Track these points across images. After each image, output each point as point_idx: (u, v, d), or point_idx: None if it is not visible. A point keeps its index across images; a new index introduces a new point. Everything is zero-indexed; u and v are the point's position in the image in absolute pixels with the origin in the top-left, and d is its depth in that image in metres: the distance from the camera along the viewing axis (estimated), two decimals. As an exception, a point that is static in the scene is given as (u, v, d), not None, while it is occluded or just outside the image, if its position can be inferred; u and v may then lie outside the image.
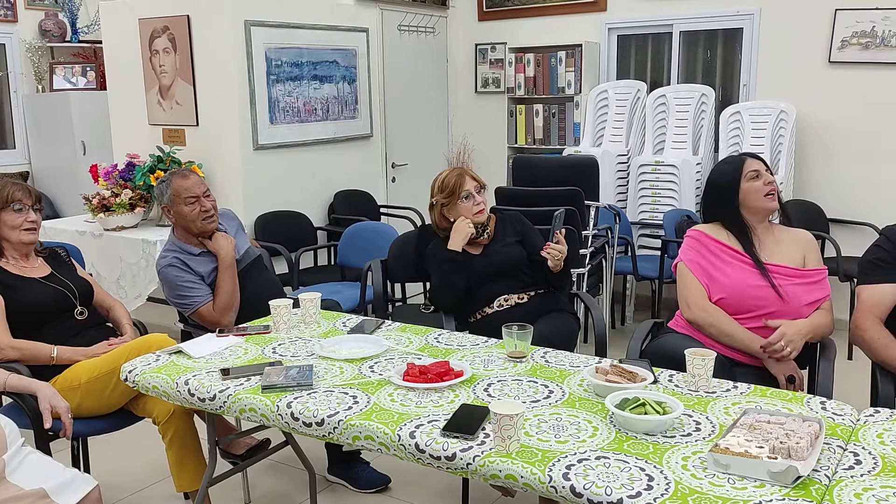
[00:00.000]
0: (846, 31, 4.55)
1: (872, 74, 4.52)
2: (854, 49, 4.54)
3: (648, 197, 4.82)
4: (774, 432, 1.68)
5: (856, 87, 4.58)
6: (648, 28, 5.26)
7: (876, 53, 4.48)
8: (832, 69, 4.64)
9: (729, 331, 2.45)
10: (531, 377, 2.13)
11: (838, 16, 4.56)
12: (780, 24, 4.76)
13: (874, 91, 4.53)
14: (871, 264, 2.43)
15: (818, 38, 4.65)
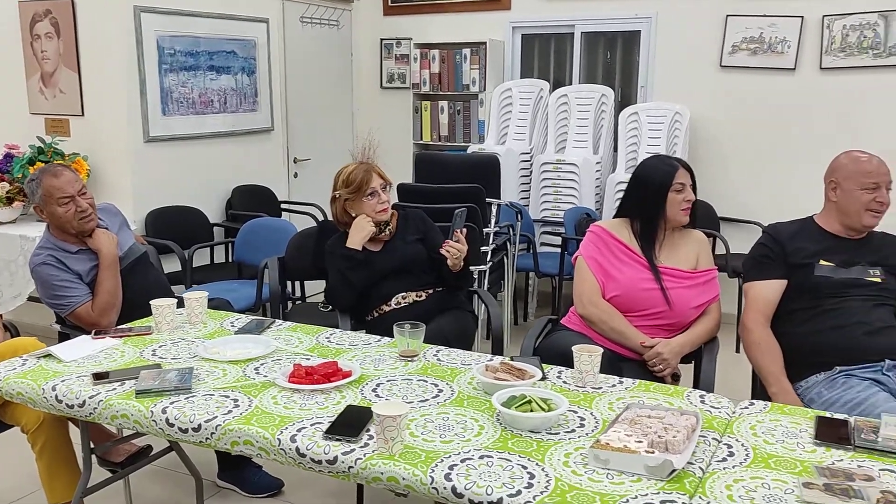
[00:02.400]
0: (736, 36, 4.73)
1: (760, 79, 4.73)
2: (743, 54, 4.73)
3: (550, 195, 4.88)
4: (654, 427, 1.71)
5: (745, 90, 4.77)
6: (551, 28, 5.34)
7: (764, 59, 4.69)
8: (723, 73, 4.82)
9: (619, 328, 2.50)
10: (422, 376, 2.10)
11: (729, 22, 4.74)
12: (676, 28, 4.91)
13: (762, 95, 4.73)
14: (756, 261, 2.52)
15: (710, 43, 4.82)
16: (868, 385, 2.25)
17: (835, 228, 2.46)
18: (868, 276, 2.40)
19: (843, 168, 2.42)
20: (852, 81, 4.51)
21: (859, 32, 4.43)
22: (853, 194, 2.39)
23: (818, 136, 4.59)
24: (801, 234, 2.49)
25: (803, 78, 4.62)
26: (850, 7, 4.43)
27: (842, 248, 2.44)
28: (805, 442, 1.74)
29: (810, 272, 2.41)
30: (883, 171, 2.39)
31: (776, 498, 1.49)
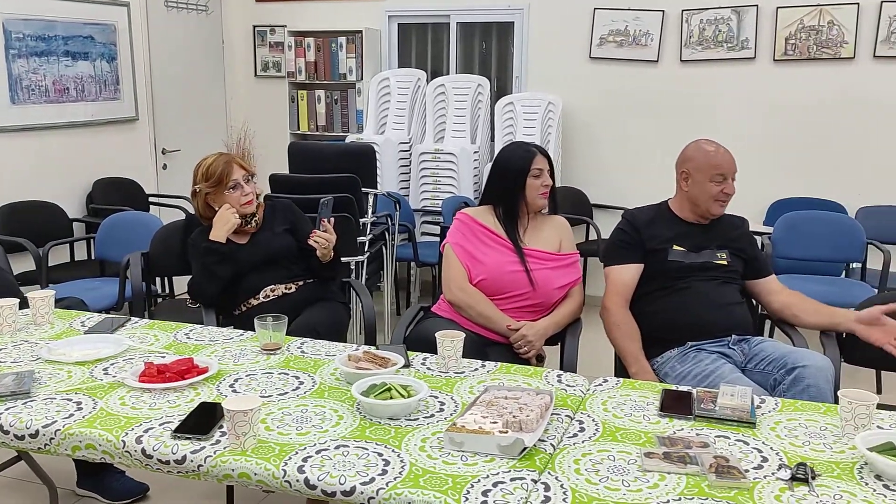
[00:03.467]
0: (604, 29, 4.90)
1: (627, 70, 4.91)
2: (611, 46, 4.91)
3: (429, 184, 4.91)
4: (509, 407, 1.74)
5: (613, 81, 4.95)
6: (427, 18, 5.35)
7: (629, 51, 4.87)
8: (593, 64, 4.98)
9: (486, 313, 2.53)
10: (283, 369, 2.06)
11: (597, 14, 4.90)
12: (547, 20, 5.03)
13: (628, 85, 4.92)
14: (615, 247, 2.61)
15: (580, 35, 4.97)
16: (716, 358, 2.38)
17: (686, 215, 2.59)
18: (716, 258, 2.53)
19: (694, 159, 2.54)
20: (709, 73, 4.76)
21: (715, 27, 4.68)
22: (703, 186, 2.51)
23: (680, 124, 4.82)
24: (657, 220, 2.60)
25: (665, 69, 4.84)
26: (706, 2, 4.67)
27: (692, 233, 2.57)
28: (651, 414, 1.82)
29: (664, 257, 2.52)
30: (730, 162, 2.54)
31: (620, 469, 1.55)
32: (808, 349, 2.35)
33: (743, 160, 4.74)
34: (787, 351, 2.31)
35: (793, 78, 4.62)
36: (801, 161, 4.70)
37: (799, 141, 4.68)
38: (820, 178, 4.66)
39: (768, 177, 4.75)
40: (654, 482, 1.50)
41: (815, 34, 4.52)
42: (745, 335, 2.47)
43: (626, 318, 2.50)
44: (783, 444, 1.67)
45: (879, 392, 3.72)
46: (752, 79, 4.69)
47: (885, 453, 1.55)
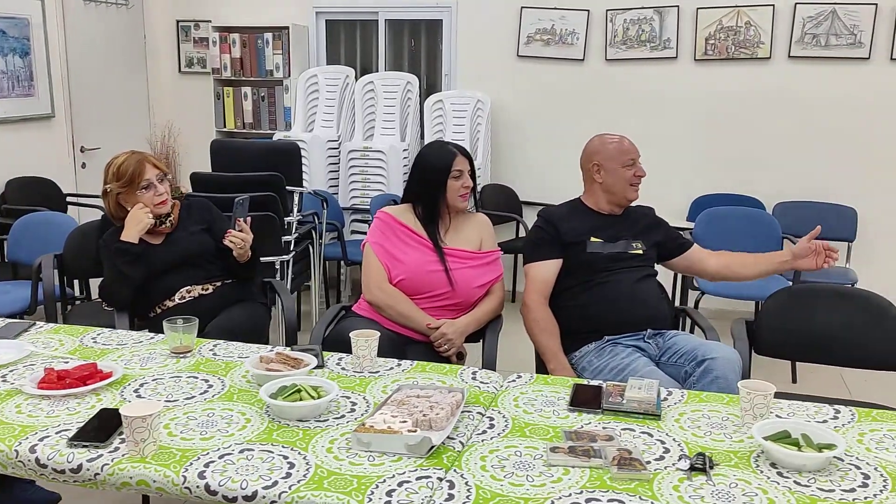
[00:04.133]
0: (531, 27, 4.94)
1: (554, 68, 4.97)
2: (538, 45, 4.95)
3: (359, 182, 4.87)
4: (420, 406, 1.74)
5: (541, 79, 5.00)
6: (355, 14, 5.31)
7: (556, 49, 4.93)
8: (521, 62, 5.02)
9: (406, 312, 2.53)
10: (193, 373, 2.01)
11: (524, 13, 4.94)
12: (475, 18, 5.05)
13: (556, 83, 4.98)
14: (533, 244, 2.64)
15: (508, 34, 5.00)
16: (631, 352, 2.43)
17: (600, 207, 2.64)
18: (631, 248, 2.59)
19: (602, 151, 2.61)
20: (633, 71, 4.85)
21: (638, 26, 4.77)
22: (617, 172, 2.58)
23: (606, 122, 4.87)
24: (572, 214, 2.64)
25: (591, 68, 4.91)
26: (629, 2, 4.76)
27: (608, 224, 2.62)
28: (561, 409, 1.84)
29: (583, 250, 2.56)
30: (634, 147, 2.64)
31: (525, 464, 1.56)
32: (719, 342, 2.42)
33: (667, 157, 4.89)
34: (698, 344, 2.37)
35: (713, 77, 4.75)
36: (722, 158, 4.83)
37: (720, 138, 4.81)
38: (740, 175, 4.80)
39: (691, 173, 4.87)
40: (558, 476, 1.51)
41: (734, 34, 4.65)
42: (660, 329, 2.52)
43: (545, 315, 2.52)
44: (686, 434, 1.71)
45: (794, 381, 3.86)
46: (674, 77, 4.80)
47: (779, 441, 1.60)
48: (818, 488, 1.47)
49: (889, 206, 4.60)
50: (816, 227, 2.56)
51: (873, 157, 4.59)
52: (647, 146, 4.88)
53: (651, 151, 4.92)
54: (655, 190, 4.81)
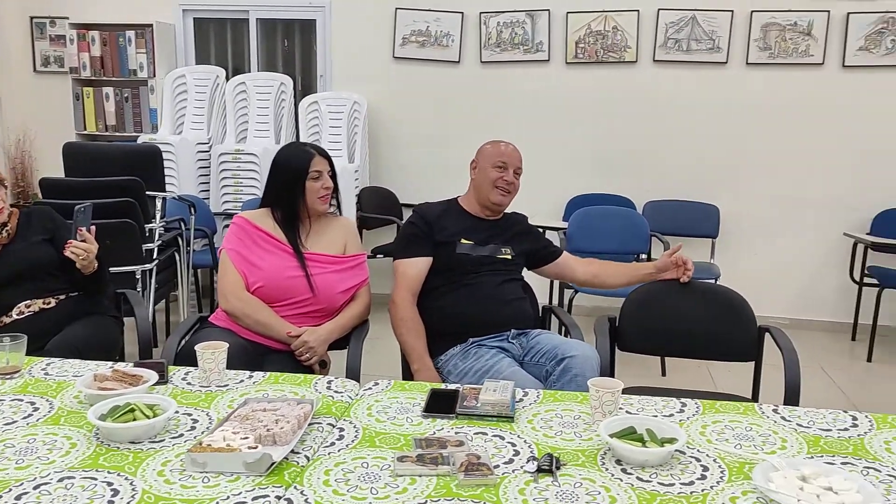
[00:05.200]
0: (406, 29, 4.91)
1: (430, 70, 4.96)
2: (413, 46, 4.93)
3: (231, 186, 4.69)
4: (265, 420, 1.65)
5: (417, 81, 4.98)
6: (225, 13, 5.12)
7: (431, 51, 4.92)
8: (397, 64, 4.98)
9: (264, 320, 2.42)
10: (19, 395, 1.84)
11: (398, 14, 4.90)
12: (350, 18, 4.97)
13: (432, 85, 4.97)
14: (406, 240, 2.60)
15: (383, 34, 4.95)
16: (495, 353, 2.42)
17: (474, 209, 2.63)
18: (500, 253, 2.59)
19: (484, 151, 2.66)
20: (508, 74, 4.91)
21: (511, 29, 4.83)
22: (486, 172, 2.59)
23: (483, 124, 4.93)
24: (447, 214, 2.62)
25: (467, 70, 4.93)
26: (502, 5, 4.80)
27: (480, 227, 2.61)
28: (415, 416, 1.79)
29: (453, 250, 2.54)
30: (514, 156, 2.65)
31: (371, 476, 1.50)
32: (580, 341, 2.44)
33: (543, 158, 4.97)
34: (559, 342, 2.39)
35: (584, 79, 4.86)
36: (596, 159, 4.95)
37: (593, 140, 4.94)
38: (612, 175, 4.94)
39: (567, 174, 4.97)
40: (404, 486, 1.46)
41: (602, 39, 4.78)
42: (525, 329, 2.53)
43: (412, 314, 2.48)
44: (537, 435, 1.70)
45: (664, 375, 3.99)
46: (547, 80, 4.88)
47: (625, 438, 1.61)
48: (659, 483, 1.49)
49: (747, 203, 4.84)
50: (678, 244, 2.65)
51: (733, 157, 4.82)
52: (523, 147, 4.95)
53: (527, 152, 4.99)
54: (532, 191, 4.90)
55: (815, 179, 4.75)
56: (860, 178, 4.70)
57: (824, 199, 4.76)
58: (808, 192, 4.77)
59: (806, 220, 4.80)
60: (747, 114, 4.76)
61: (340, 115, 4.83)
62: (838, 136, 4.69)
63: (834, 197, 4.75)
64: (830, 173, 4.73)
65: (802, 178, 4.76)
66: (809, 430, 1.73)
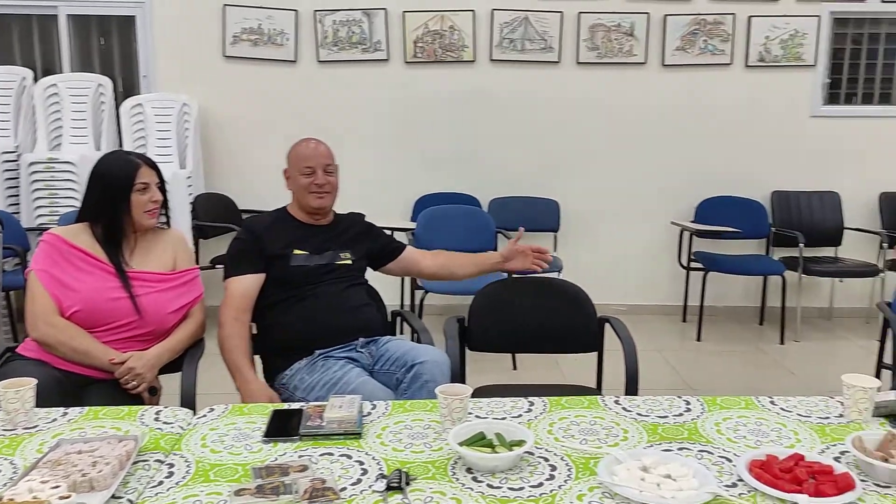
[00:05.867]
0: (237, 26, 4.68)
1: (265, 70, 4.76)
2: (246, 45, 4.71)
3: (45, 198, 4.27)
4: (80, 464, 1.47)
5: (252, 81, 4.77)
6: (28, 8, 4.66)
7: (265, 50, 4.73)
8: (229, 63, 4.75)
9: (83, 348, 2.19)
10: None
11: (227, 11, 4.67)
12: (174, 14, 4.68)
13: (269, 86, 4.77)
14: (234, 257, 2.44)
15: (212, 32, 4.70)
16: (344, 363, 2.32)
17: (302, 217, 2.52)
18: (339, 259, 2.49)
19: (289, 158, 2.53)
20: (347, 74, 4.81)
21: (348, 28, 4.73)
22: (297, 180, 2.49)
23: (324, 125, 4.80)
24: (276, 225, 2.49)
25: (304, 69, 4.78)
26: (337, 3, 4.69)
27: (313, 234, 2.50)
28: (255, 442, 1.67)
29: (287, 262, 2.41)
30: (320, 154, 2.49)
31: (205, 516, 1.37)
32: (430, 345, 2.40)
33: (387, 159, 4.92)
34: (409, 348, 2.33)
35: (424, 79, 4.85)
36: (441, 158, 4.97)
37: (435, 139, 4.94)
38: (458, 174, 4.97)
39: (411, 174, 4.95)
40: (242, 523, 1.35)
41: (440, 38, 4.79)
42: (374, 336, 2.45)
43: (237, 331, 2.34)
44: (386, 451, 1.63)
45: (515, 368, 4.05)
46: (387, 79, 4.84)
47: (474, 445, 1.58)
48: (509, 488, 1.46)
49: (585, 196, 5.03)
50: (520, 230, 2.64)
51: (570, 153, 5.00)
52: (366, 148, 4.91)
53: (370, 153, 4.95)
54: (378, 191, 4.86)
55: (645, 172, 5.02)
56: (684, 170, 5.02)
57: (653, 190, 5.04)
58: (638, 185, 5.03)
59: (637, 211, 5.06)
60: (581, 111, 4.94)
61: (168, 117, 4.53)
62: (663, 131, 4.97)
63: (661, 188, 5.04)
64: (657, 166, 5.02)
65: (633, 171, 5.02)
66: (648, 419, 1.78)
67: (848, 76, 5.05)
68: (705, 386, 3.87)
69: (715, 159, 5.00)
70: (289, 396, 2.30)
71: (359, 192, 4.74)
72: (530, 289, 2.70)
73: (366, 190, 4.78)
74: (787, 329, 4.68)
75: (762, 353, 4.45)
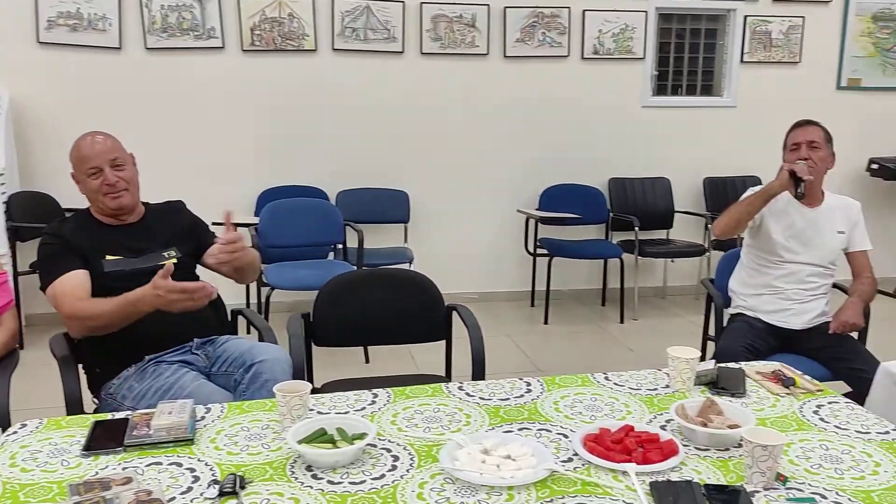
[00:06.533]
0: (51, 10, 4.31)
1: (87, 57, 4.42)
2: (63, 30, 4.34)
3: None
4: None
5: (71, 69, 4.41)
6: None
7: (86, 36, 4.38)
8: (44, 51, 4.36)
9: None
10: None
11: (40, -7, 4.29)
12: (-23, -4, 4.24)
13: (90, 74, 4.43)
14: (49, 261, 2.20)
15: (22, 16, 4.29)
16: (177, 368, 2.18)
17: (106, 219, 2.30)
18: (163, 259, 2.27)
19: (73, 159, 2.27)
20: (179, 62, 4.55)
21: (178, 13, 4.48)
22: (86, 184, 2.25)
23: (156, 117, 4.54)
24: (82, 230, 2.25)
25: (131, 57, 4.48)
26: (166, -12, 4.43)
27: (126, 235, 2.28)
28: (73, 457, 1.53)
29: (100, 270, 2.20)
30: (102, 150, 2.25)
31: (8, 545, 1.23)
32: (273, 343, 2.31)
33: (226, 152, 4.72)
34: (248, 347, 2.22)
35: (264, 68, 4.69)
36: (285, 150, 4.82)
37: (277, 131, 4.79)
38: (303, 166, 4.84)
39: (253, 168, 4.78)
40: (53, 548, 1.22)
41: (279, 26, 4.64)
42: (210, 336, 2.32)
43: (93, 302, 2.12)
44: (220, 455, 1.54)
45: (367, 362, 4.01)
46: (224, 69, 4.62)
47: (315, 442, 1.53)
48: (350, 482, 1.42)
49: (433, 187, 5.07)
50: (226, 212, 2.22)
51: (417, 144, 5.00)
52: (203, 141, 4.68)
53: (207, 146, 4.73)
54: (218, 187, 4.64)
55: (491, 162, 5.11)
56: (529, 159, 5.16)
57: (500, 179, 5.15)
58: (485, 175, 5.12)
59: (485, 201, 5.16)
60: (427, 102, 4.95)
61: (-24, 110, 4.10)
62: (508, 122, 5.08)
63: (507, 177, 5.16)
64: (503, 156, 5.12)
65: (480, 161, 5.10)
66: (490, 402, 1.80)
67: (673, 68, 5.39)
68: (553, 367, 4.01)
69: (557, 148, 5.18)
70: (116, 407, 2.13)
71: (197, 188, 4.51)
72: (377, 281, 2.67)
73: (205, 185, 4.56)
74: (627, 308, 4.94)
75: (604, 332, 4.67)
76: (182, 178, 4.50)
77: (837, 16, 5.38)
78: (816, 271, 2.82)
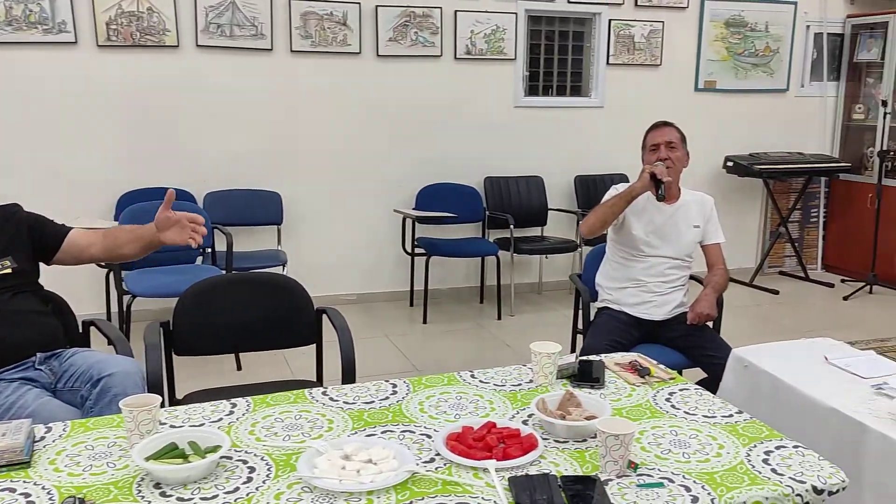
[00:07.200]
0: None
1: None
2: None
3: None
4: None
5: None
6: None
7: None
8: None
9: None
10: None
11: None
12: None
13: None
14: None
15: None
16: (19, 385, 2.03)
17: None
18: None
19: None
20: (22, 57, 4.23)
21: (25, 6, 4.16)
22: None
23: (2, 116, 4.21)
24: None
25: (-29, 51, 4.13)
26: (8, -25, 4.12)
27: None
28: None
29: None
30: None
31: None
32: (127, 355, 2.18)
33: (82, 154, 4.43)
34: (96, 361, 2.08)
35: (122, 65, 4.43)
36: (146, 151, 4.58)
37: (136, 131, 4.54)
38: (167, 168, 4.62)
39: (111, 170, 4.51)
40: None
41: (137, 20, 4.40)
42: (55, 350, 2.16)
43: None
44: (60, 477, 1.43)
45: (240, 369, 3.87)
46: (76, 65, 4.34)
47: (165, 457, 1.44)
48: (201, 498, 1.35)
49: (307, 188, 4.96)
50: (169, 192, 2.19)
51: (288, 144, 4.88)
52: (55, 144, 4.37)
53: (60, 149, 4.42)
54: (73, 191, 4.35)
55: (366, 162, 5.06)
56: (404, 159, 5.14)
57: (375, 179, 5.11)
58: (361, 175, 5.06)
59: (362, 201, 5.10)
60: (299, 101, 4.84)
61: None
62: (384, 122, 5.05)
63: (383, 177, 5.12)
64: (379, 156, 5.08)
65: (355, 161, 5.04)
66: (354, 406, 1.76)
67: (544, 69, 5.53)
68: (431, 366, 4.01)
69: (432, 148, 5.19)
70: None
71: (49, 193, 4.23)
72: (242, 286, 2.58)
73: (58, 190, 4.28)
74: (504, 305, 5.02)
75: (482, 330, 4.73)
76: (31, 183, 4.21)
77: (694, 21, 5.69)
78: (675, 264, 2.96)
